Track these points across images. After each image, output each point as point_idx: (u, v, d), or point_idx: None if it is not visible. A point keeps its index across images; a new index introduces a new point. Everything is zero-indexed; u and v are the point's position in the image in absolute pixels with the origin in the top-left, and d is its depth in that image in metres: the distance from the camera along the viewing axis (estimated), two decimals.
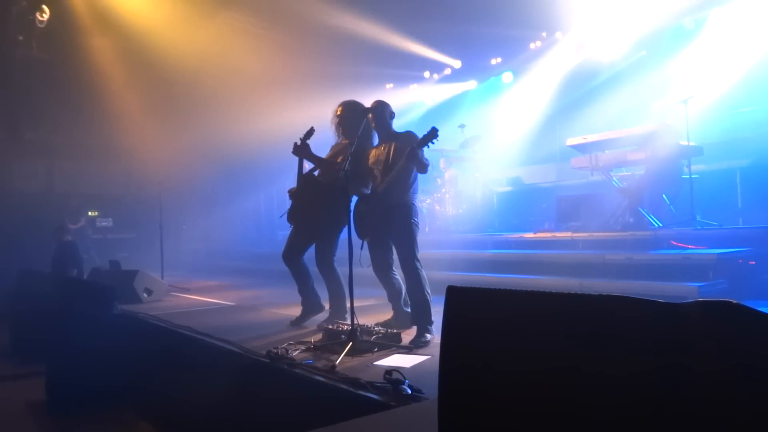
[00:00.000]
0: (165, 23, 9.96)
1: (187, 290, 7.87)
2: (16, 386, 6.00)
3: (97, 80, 11.16)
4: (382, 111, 4.46)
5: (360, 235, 4.37)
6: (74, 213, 11.64)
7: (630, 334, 0.97)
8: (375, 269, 4.50)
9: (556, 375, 1.13)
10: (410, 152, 3.97)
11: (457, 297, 1.31)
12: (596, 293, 1.13)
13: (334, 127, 4.77)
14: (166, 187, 9.06)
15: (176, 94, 11.51)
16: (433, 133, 3.95)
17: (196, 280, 9.29)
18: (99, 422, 4.93)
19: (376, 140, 4.61)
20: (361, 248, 4.33)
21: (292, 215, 4.84)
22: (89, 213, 13.16)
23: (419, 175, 4.32)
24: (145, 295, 6.91)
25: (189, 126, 12.14)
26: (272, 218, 14.62)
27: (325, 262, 4.73)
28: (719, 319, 0.88)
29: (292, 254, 4.83)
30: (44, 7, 9.82)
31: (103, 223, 13.31)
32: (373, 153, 4.48)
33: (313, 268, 4.89)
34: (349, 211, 4.09)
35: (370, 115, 4.40)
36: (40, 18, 9.98)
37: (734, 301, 0.91)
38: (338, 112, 4.73)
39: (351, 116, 4.61)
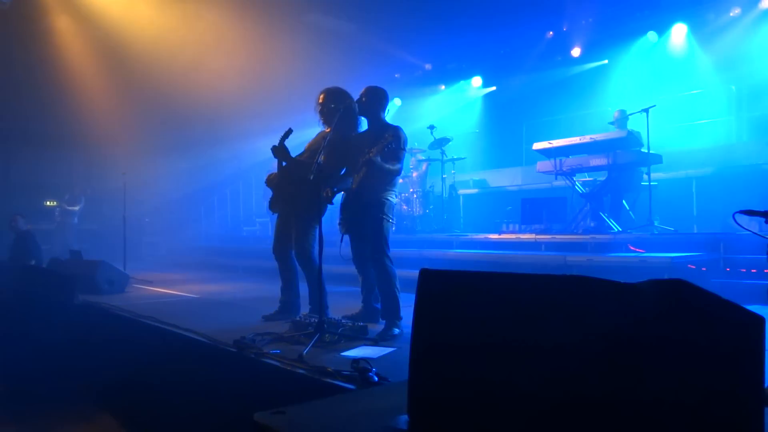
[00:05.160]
0: (128, 5, 9.83)
1: (150, 282, 7.78)
2: None
3: (59, 66, 10.90)
4: (370, 99, 4.38)
5: (340, 228, 4.41)
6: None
7: (591, 308, 1.06)
8: (354, 260, 4.56)
9: (521, 351, 1.21)
10: (367, 161, 3.98)
11: (430, 279, 1.38)
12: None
13: (318, 115, 4.74)
14: (129, 178, 8.91)
15: (142, 82, 11.27)
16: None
17: (159, 273, 9.17)
18: (58, 414, 4.85)
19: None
20: (341, 241, 4.37)
21: (274, 204, 4.82)
22: (47, 203, 12.87)
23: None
24: (107, 286, 6.80)
25: (154, 116, 11.95)
26: (238, 214, 14.54)
27: (304, 254, 4.64)
28: (670, 293, 0.97)
29: (281, 247, 4.77)
30: None
31: None
32: (358, 141, 4.42)
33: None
34: (323, 204, 4.11)
35: (363, 100, 4.38)
36: None
37: (683, 280, 1.00)
38: (320, 100, 4.66)
39: (332, 104, 4.56)
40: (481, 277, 1.28)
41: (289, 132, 4.61)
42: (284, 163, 4.67)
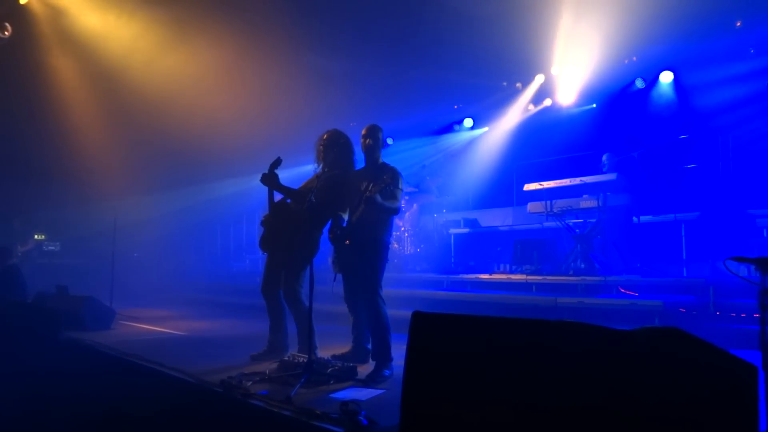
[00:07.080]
0: (125, 44, 9.95)
1: (138, 319, 7.66)
2: None
3: (54, 102, 10.95)
4: (372, 137, 4.40)
5: (333, 267, 4.38)
6: (22, 235, 11.31)
7: (586, 356, 1.05)
8: (346, 299, 4.51)
9: (514, 396, 1.19)
10: (367, 199, 3.98)
11: (422, 322, 1.37)
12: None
13: (316, 153, 4.70)
14: (119, 213, 8.87)
15: (137, 119, 11.33)
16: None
17: (147, 309, 9.04)
18: None
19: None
20: (333, 280, 4.33)
21: (264, 243, 4.78)
22: (35, 236, 12.72)
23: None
24: (92, 322, 6.68)
25: (148, 152, 11.97)
26: (228, 250, 14.46)
27: (293, 294, 4.59)
28: (665, 342, 0.97)
29: (270, 287, 4.72)
30: (6, 24, 9.63)
31: (50, 247, 12.84)
32: (355, 178, 4.43)
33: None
34: (316, 242, 4.09)
35: (367, 141, 4.37)
36: (1, 35, 9.77)
37: (677, 328, 1.00)
38: (319, 143, 4.66)
39: (330, 146, 4.60)
40: (474, 321, 1.27)
41: (278, 161, 4.57)
42: (275, 193, 4.65)
